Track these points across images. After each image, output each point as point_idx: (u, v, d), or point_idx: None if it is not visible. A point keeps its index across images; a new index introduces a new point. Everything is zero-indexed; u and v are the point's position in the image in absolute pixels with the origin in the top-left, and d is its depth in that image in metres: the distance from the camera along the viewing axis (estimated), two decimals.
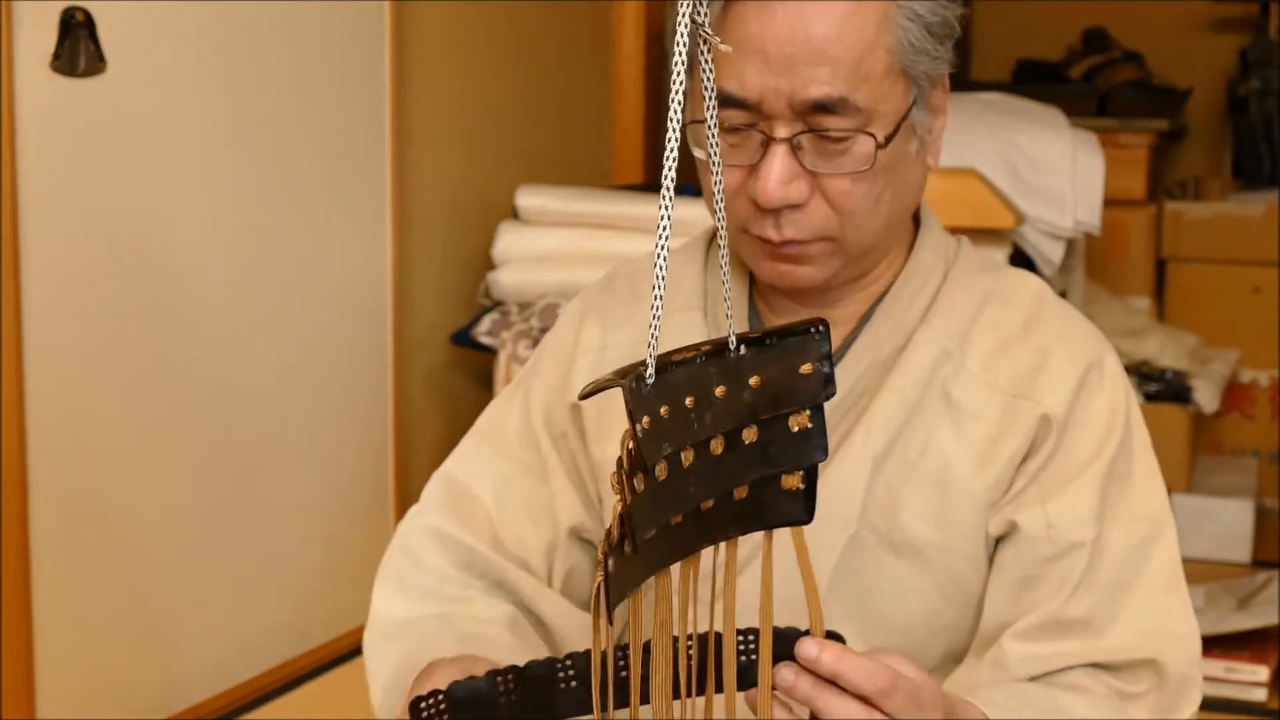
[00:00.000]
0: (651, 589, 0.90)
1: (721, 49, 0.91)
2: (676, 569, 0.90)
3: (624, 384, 0.83)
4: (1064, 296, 3.11)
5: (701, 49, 1.13)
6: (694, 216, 1.66)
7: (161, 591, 2.31)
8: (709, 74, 0.92)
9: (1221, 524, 3.49)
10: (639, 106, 3.69)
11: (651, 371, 0.85)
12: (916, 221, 1.28)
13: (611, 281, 1.36)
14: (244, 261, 2.43)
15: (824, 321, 0.89)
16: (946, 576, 1.20)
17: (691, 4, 1.06)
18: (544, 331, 2.69)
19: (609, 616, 0.86)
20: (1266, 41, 4.60)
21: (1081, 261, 3.24)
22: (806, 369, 0.88)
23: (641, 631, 0.90)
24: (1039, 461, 1.20)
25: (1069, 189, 2.84)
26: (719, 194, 0.92)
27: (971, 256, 1.28)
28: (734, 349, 0.88)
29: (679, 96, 0.84)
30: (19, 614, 2.05)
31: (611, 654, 0.90)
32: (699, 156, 1.17)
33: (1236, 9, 4.79)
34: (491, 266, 2.96)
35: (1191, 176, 4.62)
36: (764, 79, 1.12)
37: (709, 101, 0.92)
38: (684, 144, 1.18)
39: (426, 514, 1.32)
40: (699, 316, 1.27)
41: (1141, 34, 4.79)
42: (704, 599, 0.99)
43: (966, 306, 1.23)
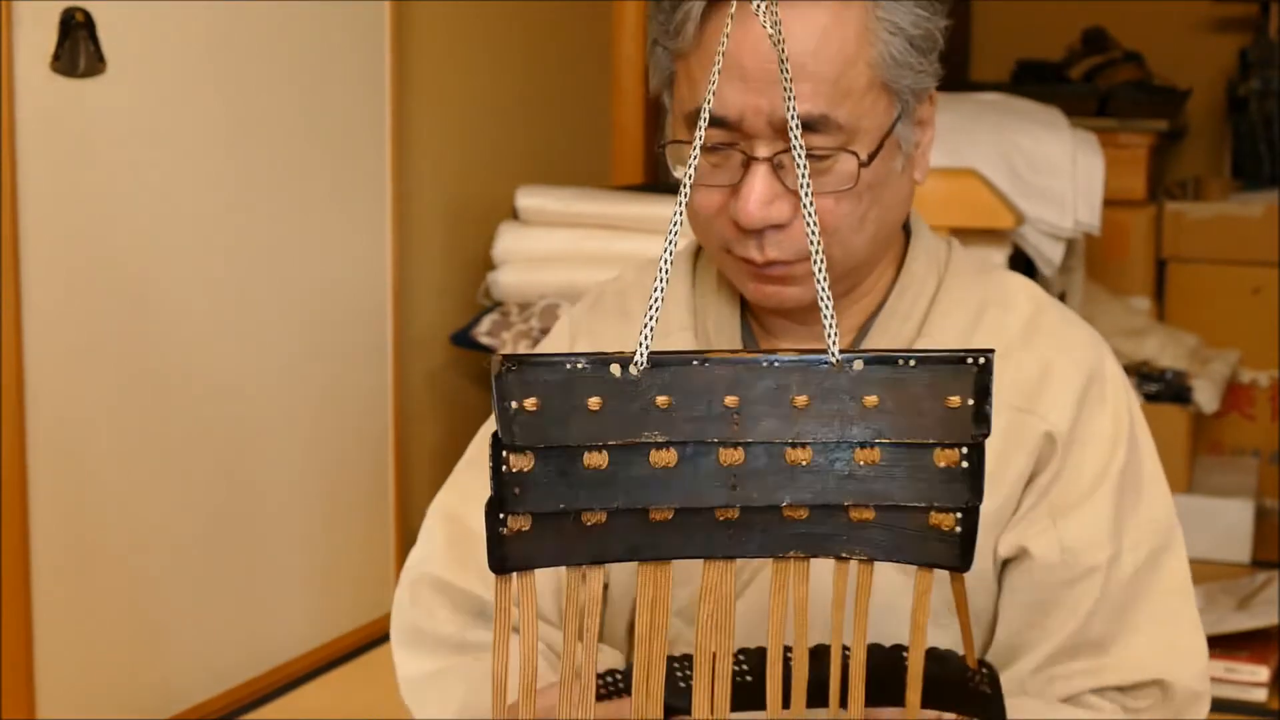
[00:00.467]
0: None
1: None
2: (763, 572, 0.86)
3: (496, 359, 0.79)
4: (1064, 297, 3.12)
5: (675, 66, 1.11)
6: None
7: (161, 592, 2.31)
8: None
9: (1221, 524, 3.49)
10: (639, 107, 3.69)
11: (642, 359, 0.82)
12: (906, 230, 1.25)
13: (599, 301, 1.33)
14: (243, 262, 2.43)
15: (989, 355, 0.82)
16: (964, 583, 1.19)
17: (660, 25, 1.04)
18: (544, 332, 2.69)
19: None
20: (1266, 41, 4.60)
21: (1081, 262, 3.24)
22: (954, 401, 0.82)
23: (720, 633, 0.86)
24: (1047, 479, 1.18)
25: (1069, 189, 2.84)
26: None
27: (964, 260, 1.26)
28: (838, 363, 0.83)
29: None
30: (19, 614, 2.05)
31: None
32: (677, 176, 1.15)
33: (1236, 9, 4.78)
34: (491, 267, 2.95)
35: (1191, 177, 4.61)
36: (743, 97, 1.08)
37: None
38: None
39: (430, 562, 1.29)
40: (690, 336, 1.24)
41: (1141, 34, 4.79)
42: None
43: (962, 316, 1.22)
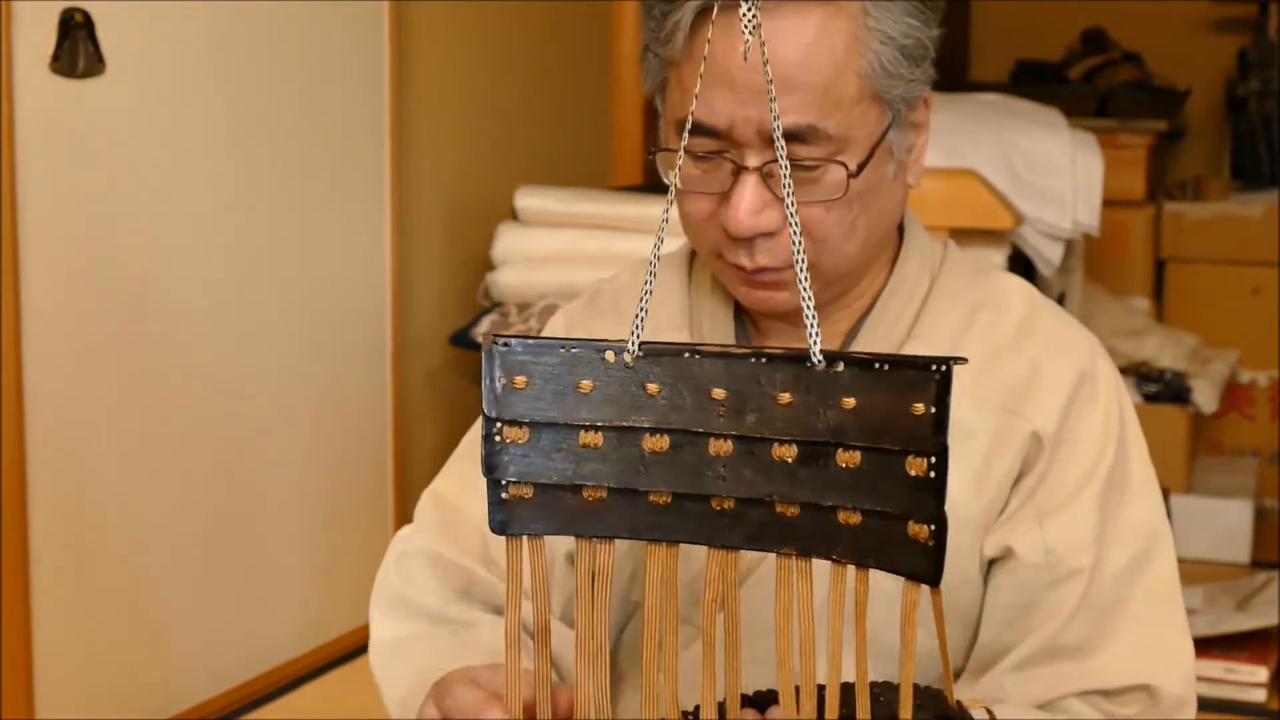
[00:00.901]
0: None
1: None
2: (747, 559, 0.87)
3: (485, 336, 0.86)
4: (1063, 297, 3.12)
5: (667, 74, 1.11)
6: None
7: (160, 592, 2.31)
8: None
9: (1221, 524, 3.49)
10: (638, 107, 3.68)
11: (634, 348, 0.86)
12: (901, 230, 1.25)
13: (594, 299, 1.33)
14: (243, 262, 2.43)
15: (948, 362, 0.81)
16: (942, 596, 1.19)
17: (652, 33, 1.05)
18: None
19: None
20: (1266, 42, 4.60)
21: (1081, 262, 3.24)
22: (918, 409, 0.81)
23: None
24: (1033, 480, 1.18)
25: (1068, 189, 2.84)
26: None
27: (958, 261, 1.25)
28: (821, 363, 0.85)
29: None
30: (18, 614, 2.05)
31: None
32: (668, 183, 1.15)
33: (1236, 9, 4.78)
34: (491, 267, 2.95)
35: (1191, 177, 4.61)
36: (732, 107, 1.08)
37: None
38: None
39: (420, 534, 1.29)
40: (685, 337, 1.24)
41: (1141, 34, 4.79)
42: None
43: (955, 318, 1.21)
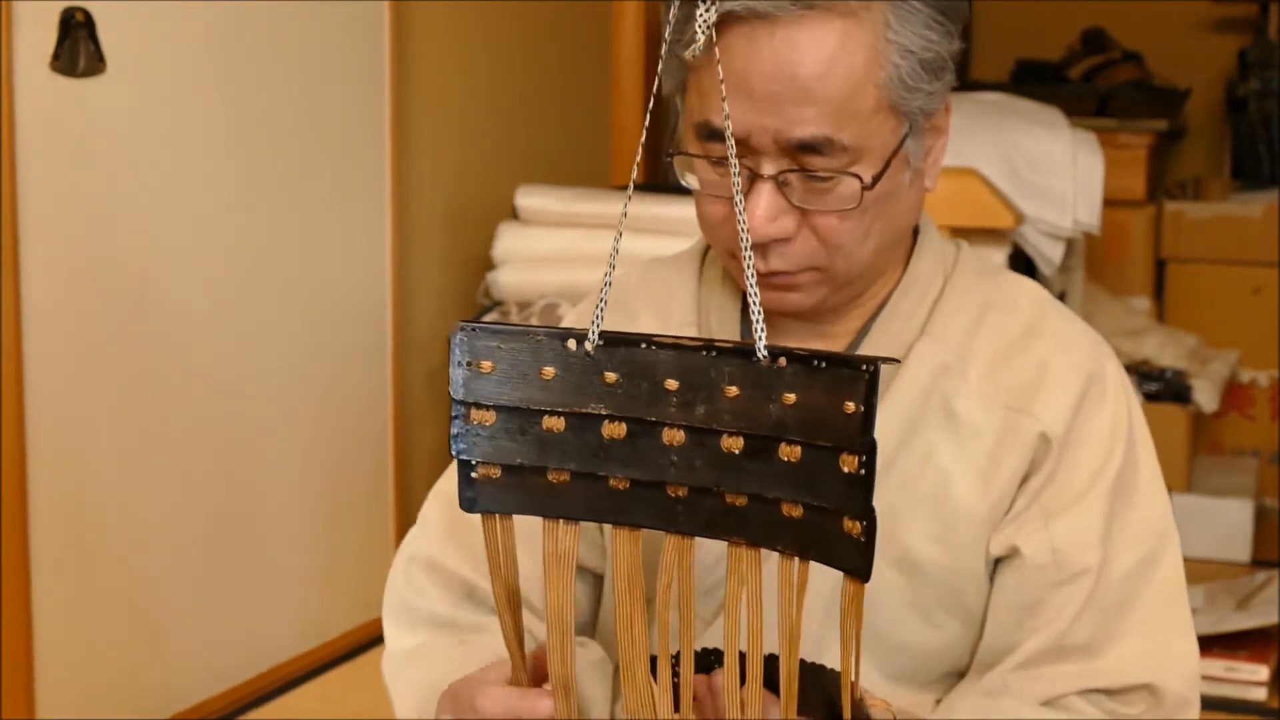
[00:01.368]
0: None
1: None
2: (698, 547, 0.90)
3: (456, 324, 0.89)
4: (1064, 297, 3.12)
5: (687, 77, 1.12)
6: (692, 215, 1.66)
7: (161, 592, 2.31)
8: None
9: (1221, 524, 3.49)
10: (639, 107, 3.68)
11: (595, 338, 0.89)
12: (915, 229, 1.25)
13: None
14: (243, 261, 2.43)
15: (876, 362, 0.84)
16: (948, 593, 1.19)
17: (674, 38, 1.06)
18: None
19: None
20: (1266, 42, 4.60)
21: (1081, 262, 3.25)
22: (850, 407, 0.83)
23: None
24: (1040, 480, 1.18)
25: (1069, 189, 2.84)
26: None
27: (971, 262, 1.26)
28: (765, 358, 0.85)
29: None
30: (19, 613, 2.05)
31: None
32: (686, 184, 1.15)
33: (1236, 9, 4.78)
34: (491, 267, 2.95)
35: (1191, 177, 4.61)
36: (750, 116, 1.08)
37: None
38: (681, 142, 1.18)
39: (425, 540, 1.30)
40: (693, 332, 1.25)
41: (1141, 34, 4.79)
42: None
43: (966, 317, 1.22)
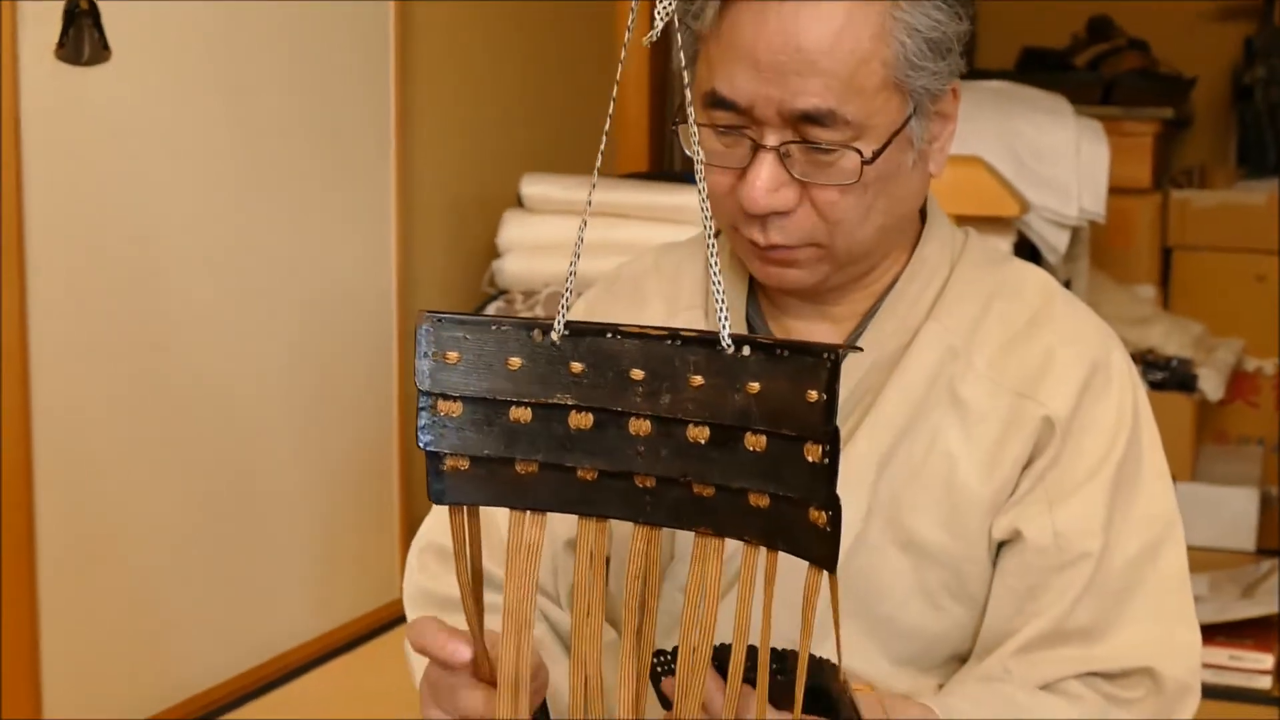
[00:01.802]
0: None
1: None
2: (675, 536, 0.90)
3: (421, 314, 0.89)
4: (1069, 285, 3.12)
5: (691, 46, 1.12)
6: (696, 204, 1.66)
7: (166, 581, 2.31)
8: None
9: (1226, 512, 3.49)
10: (643, 96, 3.68)
11: (560, 328, 0.89)
12: (924, 215, 1.26)
13: (614, 283, 1.34)
14: (248, 251, 2.43)
15: (838, 350, 0.83)
16: (953, 578, 1.19)
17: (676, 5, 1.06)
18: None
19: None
20: (1272, 30, 4.58)
21: (1086, 250, 3.24)
22: (812, 396, 0.83)
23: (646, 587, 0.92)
24: (1044, 463, 1.18)
25: (1074, 177, 2.84)
26: (703, 195, 0.92)
27: (979, 250, 1.26)
28: (729, 347, 0.85)
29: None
30: (25, 605, 2.06)
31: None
32: (690, 155, 1.16)
33: None
34: (496, 255, 2.95)
35: (1196, 165, 4.61)
36: (754, 86, 1.10)
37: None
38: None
39: (438, 529, 1.30)
40: (700, 315, 1.26)
41: (1146, 22, 4.78)
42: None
43: (973, 303, 1.22)
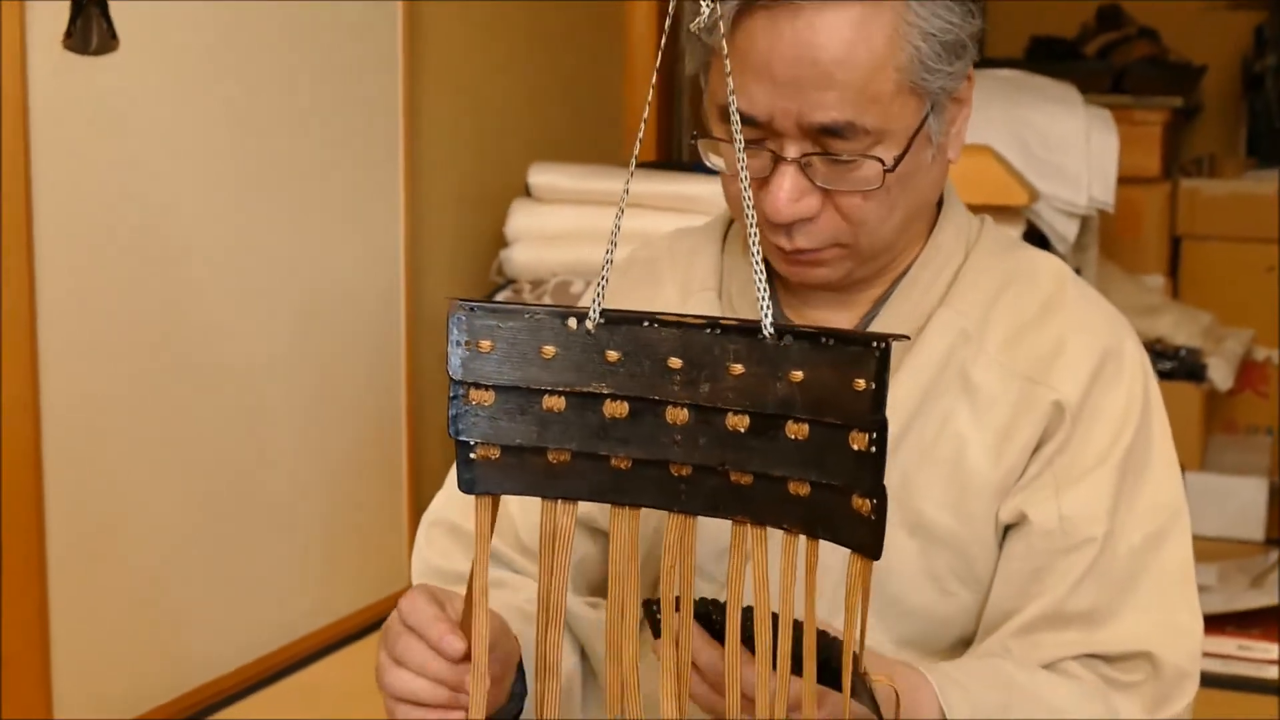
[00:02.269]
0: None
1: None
2: (710, 526, 0.89)
3: (454, 303, 0.88)
4: (1078, 274, 3.11)
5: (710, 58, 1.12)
6: (709, 194, 1.66)
7: (175, 571, 2.32)
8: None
9: (1235, 502, 3.49)
10: (650, 86, 3.68)
11: (597, 317, 0.88)
12: (940, 201, 1.26)
13: (629, 268, 1.35)
14: (256, 241, 2.43)
15: (887, 340, 0.83)
16: (961, 561, 1.20)
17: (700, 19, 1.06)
18: None
19: None
20: None
21: (1096, 239, 3.23)
22: (860, 384, 0.82)
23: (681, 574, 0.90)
24: (1053, 447, 1.19)
25: (1083, 166, 2.83)
26: (748, 198, 0.91)
27: (994, 236, 1.27)
28: (772, 336, 0.85)
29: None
30: (35, 596, 2.06)
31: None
32: (712, 166, 1.17)
33: None
34: (504, 244, 2.95)
35: (1206, 154, 4.60)
36: (772, 100, 1.10)
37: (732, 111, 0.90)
38: (697, 131, 1.19)
39: (448, 507, 1.32)
40: (713, 297, 1.26)
41: (1156, 10, 4.77)
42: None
43: (987, 288, 1.23)
